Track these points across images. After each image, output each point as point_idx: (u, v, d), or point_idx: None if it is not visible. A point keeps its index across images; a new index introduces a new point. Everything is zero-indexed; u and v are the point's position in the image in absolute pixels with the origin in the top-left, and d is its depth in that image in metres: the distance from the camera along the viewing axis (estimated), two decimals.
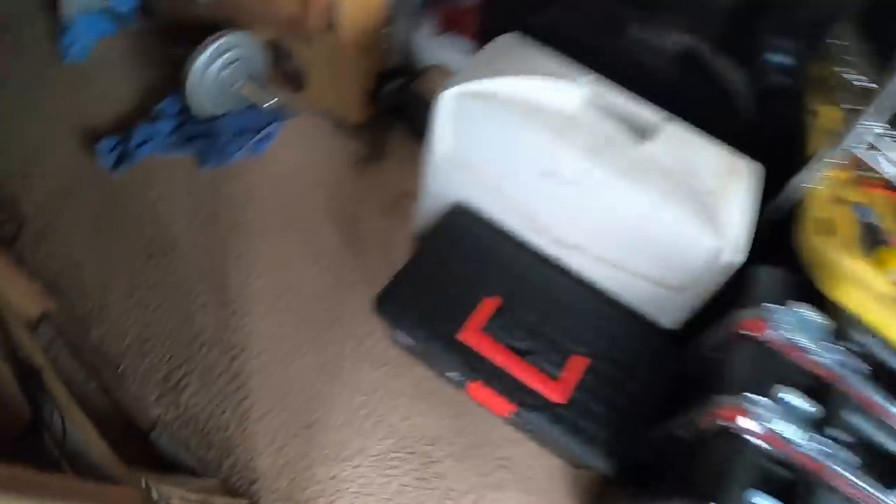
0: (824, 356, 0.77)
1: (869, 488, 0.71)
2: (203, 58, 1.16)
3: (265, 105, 1.21)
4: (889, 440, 0.76)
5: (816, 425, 0.73)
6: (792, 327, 0.78)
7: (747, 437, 0.71)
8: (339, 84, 1.19)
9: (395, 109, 1.21)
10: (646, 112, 0.85)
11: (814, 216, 0.86)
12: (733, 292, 0.83)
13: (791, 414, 0.72)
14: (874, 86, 0.80)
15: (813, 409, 0.72)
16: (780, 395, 0.73)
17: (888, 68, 0.75)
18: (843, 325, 0.80)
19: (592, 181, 0.81)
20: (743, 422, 0.71)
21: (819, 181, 0.87)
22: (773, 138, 1.00)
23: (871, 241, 0.89)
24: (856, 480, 0.70)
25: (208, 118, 1.23)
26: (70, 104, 1.31)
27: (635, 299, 0.90)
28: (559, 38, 1.01)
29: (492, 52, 0.92)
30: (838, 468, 0.70)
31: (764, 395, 0.72)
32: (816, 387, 0.76)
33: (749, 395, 0.71)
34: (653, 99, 0.91)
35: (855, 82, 0.96)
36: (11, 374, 0.71)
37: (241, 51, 1.21)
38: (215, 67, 1.19)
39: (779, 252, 0.86)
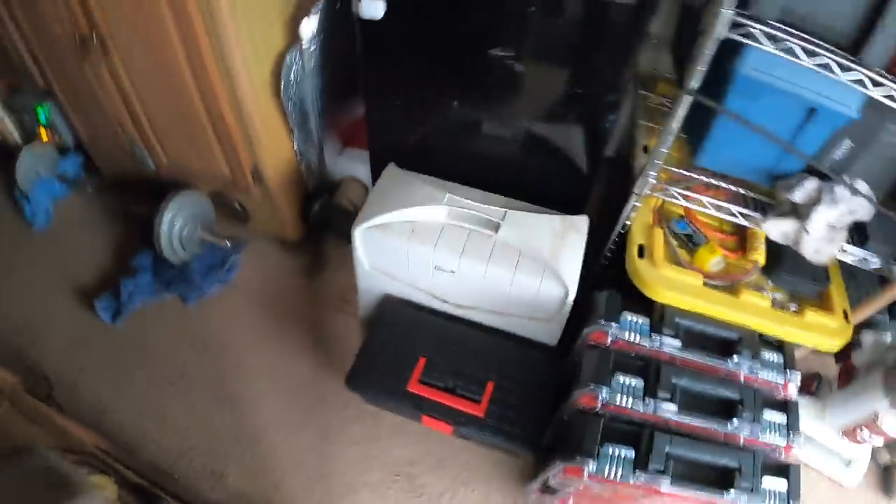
0: (647, 343, 1.18)
1: (692, 421, 1.12)
2: (166, 219, 1.48)
3: (223, 243, 1.55)
4: (702, 384, 1.16)
5: (650, 391, 1.13)
6: (623, 330, 1.18)
7: (599, 411, 1.10)
8: (275, 214, 1.53)
9: (323, 223, 1.55)
10: (492, 209, 1.23)
11: (634, 243, 1.26)
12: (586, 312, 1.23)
13: (627, 389, 1.13)
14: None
15: (640, 383, 1.13)
16: (617, 378, 1.13)
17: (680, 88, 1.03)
18: (666, 317, 1.20)
19: (468, 269, 1.20)
20: (592, 403, 1.11)
21: (635, 214, 1.26)
22: (614, 186, 1.38)
23: (691, 246, 1.32)
24: (680, 419, 1.11)
25: (180, 263, 1.55)
26: (54, 269, 1.58)
27: (522, 332, 1.30)
28: (429, 146, 1.38)
29: (381, 188, 1.28)
30: (667, 414, 1.10)
31: (606, 383, 1.12)
32: (647, 366, 1.14)
33: (594, 384, 1.11)
34: (509, 179, 1.30)
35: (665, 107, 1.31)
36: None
37: (195, 205, 1.54)
38: (177, 224, 1.51)
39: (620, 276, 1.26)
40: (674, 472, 1.05)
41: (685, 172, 1.32)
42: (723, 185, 1.34)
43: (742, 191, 1.33)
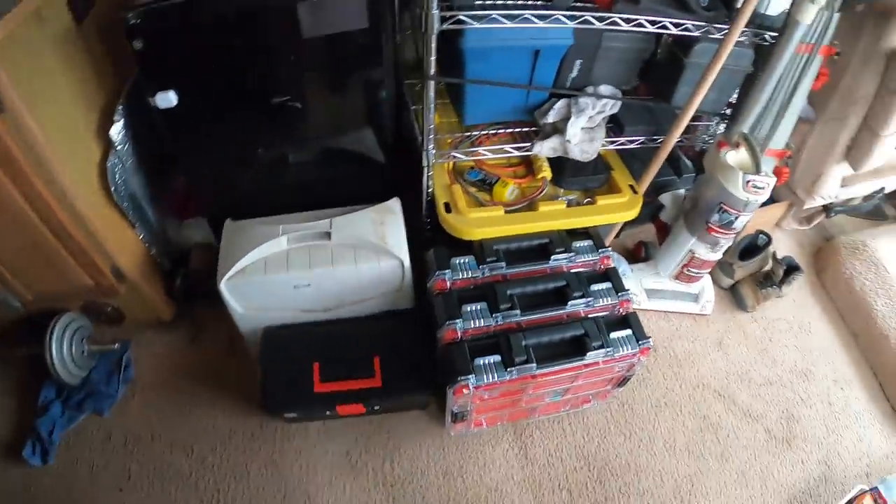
0: (479, 274, 1.45)
1: (536, 316, 1.39)
2: (54, 350, 1.56)
3: (111, 347, 1.66)
4: (533, 286, 1.44)
5: (493, 307, 1.40)
6: (457, 272, 1.45)
7: (461, 338, 1.35)
8: (145, 303, 1.64)
9: (189, 292, 1.70)
10: (320, 223, 1.45)
11: (440, 202, 1.52)
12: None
13: (476, 313, 1.39)
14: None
15: (484, 305, 1.39)
16: (465, 309, 1.39)
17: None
18: (485, 249, 1.48)
19: (320, 277, 1.41)
20: (453, 335, 1.36)
21: (432, 181, 1.53)
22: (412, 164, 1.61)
23: (486, 187, 1.59)
24: (526, 318, 1.38)
25: (81, 381, 1.64)
26: None
27: (385, 307, 1.53)
28: (253, 192, 1.58)
29: (227, 243, 1.46)
30: (514, 319, 1.37)
31: (458, 316, 1.37)
32: (485, 290, 1.43)
33: (448, 320, 1.36)
34: (326, 193, 1.52)
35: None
36: None
37: (74, 325, 1.63)
38: (65, 349, 1.59)
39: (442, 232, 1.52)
40: (537, 358, 1.31)
41: (465, 134, 1.61)
42: (499, 131, 1.65)
43: (514, 130, 1.63)
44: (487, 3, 1.27)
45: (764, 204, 2.00)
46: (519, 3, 1.29)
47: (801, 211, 2.13)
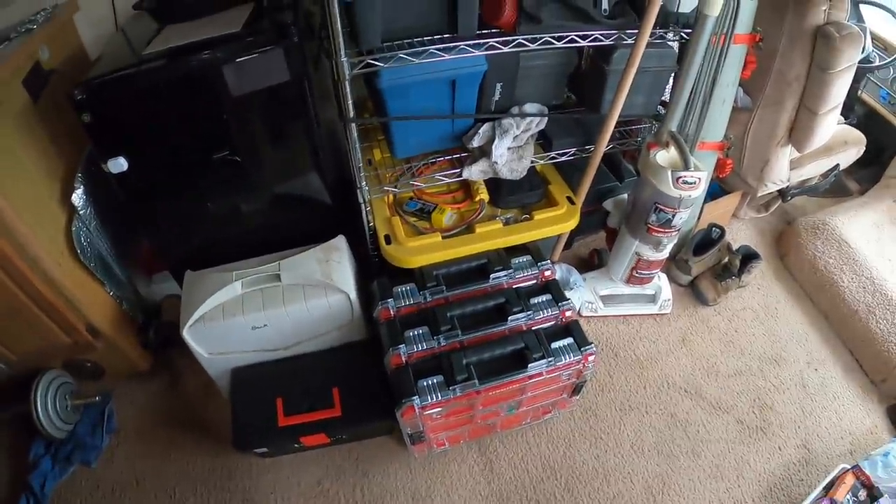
0: (420, 299, 1.51)
1: (478, 334, 1.44)
2: (40, 407, 1.66)
3: (94, 400, 1.75)
4: (473, 305, 1.49)
5: (434, 330, 1.45)
6: (399, 299, 1.51)
7: (406, 362, 1.39)
8: (122, 357, 1.74)
9: (162, 343, 1.79)
10: (270, 266, 1.53)
11: (381, 234, 1.59)
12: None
13: (418, 337, 1.44)
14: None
15: (426, 328, 1.45)
16: (407, 334, 1.45)
17: None
18: (425, 275, 1.54)
19: (274, 318, 1.48)
20: (399, 360, 1.41)
21: (371, 215, 1.60)
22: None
23: (425, 215, 1.66)
24: (468, 337, 1.43)
25: (68, 435, 1.74)
26: None
27: (342, 339, 1.60)
28: (208, 243, 1.66)
29: (187, 293, 1.54)
30: (456, 339, 1.42)
31: (400, 342, 1.43)
32: (426, 314, 1.48)
33: (392, 347, 1.42)
34: (278, 236, 1.60)
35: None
36: None
37: (57, 382, 1.72)
38: (50, 406, 1.69)
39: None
40: (479, 374, 1.36)
41: (406, 166, 1.68)
42: (438, 160, 1.71)
43: (452, 156, 1.70)
44: (395, 43, 1.34)
45: (716, 196, 2.04)
46: (426, 39, 1.36)
47: (756, 199, 2.15)
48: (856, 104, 2.28)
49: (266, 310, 1.49)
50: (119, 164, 1.40)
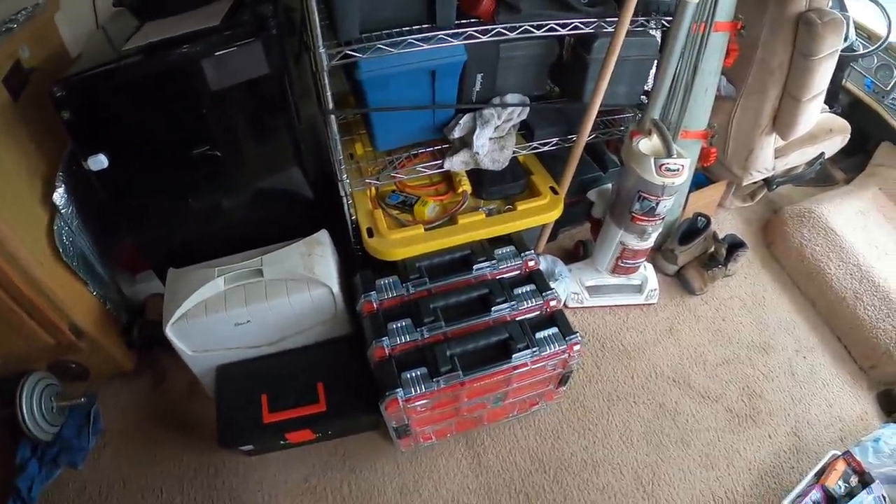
0: (403, 292, 1.50)
1: (461, 326, 1.43)
2: (25, 409, 1.65)
3: (79, 401, 1.74)
4: (456, 297, 1.47)
5: (417, 322, 1.44)
6: (382, 292, 1.50)
7: (390, 355, 1.39)
8: (106, 357, 1.72)
9: (146, 342, 1.78)
10: (252, 262, 1.52)
11: (363, 228, 1.59)
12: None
13: (401, 330, 1.43)
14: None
15: (408, 321, 1.44)
16: (390, 327, 1.44)
17: None
18: (408, 267, 1.53)
19: (257, 313, 1.48)
20: (382, 353, 1.41)
21: (353, 208, 1.59)
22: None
23: (407, 208, 1.65)
24: (451, 328, 1.42)
25: (54, 437, 1.73)
26: None
27: (326, 335, 1.59)
28: (191, 240, 1.65)
29: (170, 290, 1.52)
30: (439, 331, 1.41)
31: (383, 335, 1.42)
32: (409, 306, 1.48)
33: (375, 340, 1.41)
34: (261, 232, 1.59)
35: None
36: None
37: (41, 384, 1.71)
38: (35, 408, 1.68)
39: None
40: (463, 365, 1.35)
41: (388, 159, 1.67)
42: (420, 151, 1.71)
43: (434, 148, 1.69)
44: (374, 34, 1.33)
45: (701, 186, 2.04)
46: (404, 29, 1.36)
47: (741, 188, 2.15)
48: (840, 93, 2.29)
49: (249, 305, 1.48)
50: (99, 162, 1.39)
